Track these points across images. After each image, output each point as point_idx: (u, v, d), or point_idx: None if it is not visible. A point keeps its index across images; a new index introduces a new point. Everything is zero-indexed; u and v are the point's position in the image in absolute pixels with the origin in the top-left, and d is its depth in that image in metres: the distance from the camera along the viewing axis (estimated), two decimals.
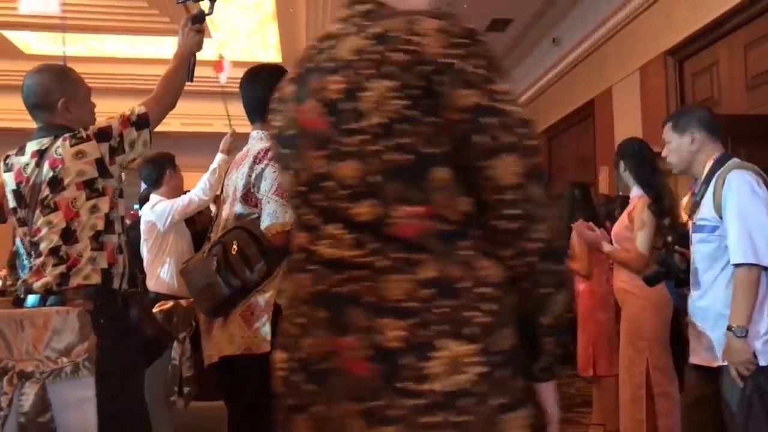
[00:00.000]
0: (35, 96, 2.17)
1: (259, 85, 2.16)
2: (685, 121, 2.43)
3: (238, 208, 2.10)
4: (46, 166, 2.03)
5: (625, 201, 3.29)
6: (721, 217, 2.23)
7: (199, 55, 2.39)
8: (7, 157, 2.20)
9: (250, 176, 2.10)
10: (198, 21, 2.24)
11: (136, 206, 5.02)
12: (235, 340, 1.96)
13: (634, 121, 7.55)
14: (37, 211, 2.04)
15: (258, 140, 2.22)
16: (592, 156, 8.35)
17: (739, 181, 2.23)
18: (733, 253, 2.19)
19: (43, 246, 2.04)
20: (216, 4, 2.45)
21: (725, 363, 2.21)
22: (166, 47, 10.34)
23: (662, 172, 3.02)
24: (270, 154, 2.02)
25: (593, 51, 8.29)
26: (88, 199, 2.01)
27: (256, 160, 2.12)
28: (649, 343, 2.90)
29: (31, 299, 2.01)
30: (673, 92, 7.01)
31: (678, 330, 5.61)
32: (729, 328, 2.16)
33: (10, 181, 2.14)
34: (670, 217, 2.89)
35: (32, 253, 2.09)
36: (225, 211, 2.19)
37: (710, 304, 2.30)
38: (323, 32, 1.22)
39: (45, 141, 2.11)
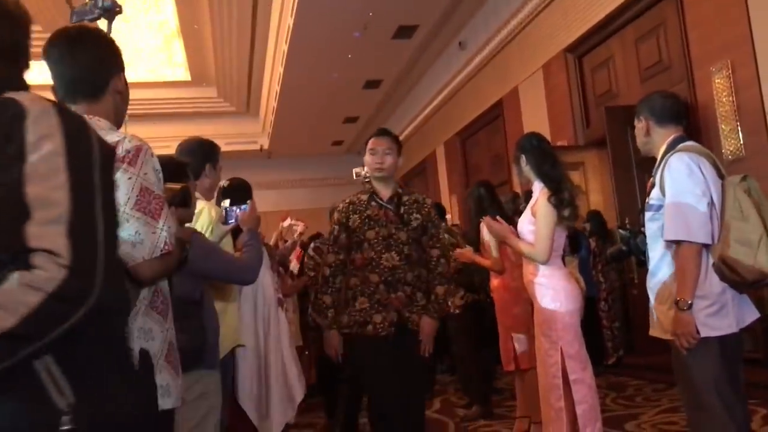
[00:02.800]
0: None
1: (87, 50, 1.62)
2: (639, 108, 2.54)
3: None
4: None
5: (529, 195, 3.36)
6: (665, 197, 2.32)
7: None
8: None
9: None
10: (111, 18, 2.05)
11: None
12: None
13: (540, 117, 7.78)
14: None
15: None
16: (505, 154, 8.56)
17: (677, 162, 2.31)
18: (666, 231, 2.29)
19: None
20: (114, 24, 2.28)
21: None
22: None
23: (562, 164, 3.10)
24: (123, 152, 1.50)
25: (498, 52, 8.51)
26: None
27: None
28: (561, 332, 2.96)
29: None
30: (575, 87, 7.28)
31: (593, 315, 5.84)
32: (675, 302, 2.25)
33: None
34: (570, 208, 2.97)
35: None
36: None
37: (659, 280, 2.39)
38: None
39: None
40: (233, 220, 2.63)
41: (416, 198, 3.07)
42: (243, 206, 2.63)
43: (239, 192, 2.97)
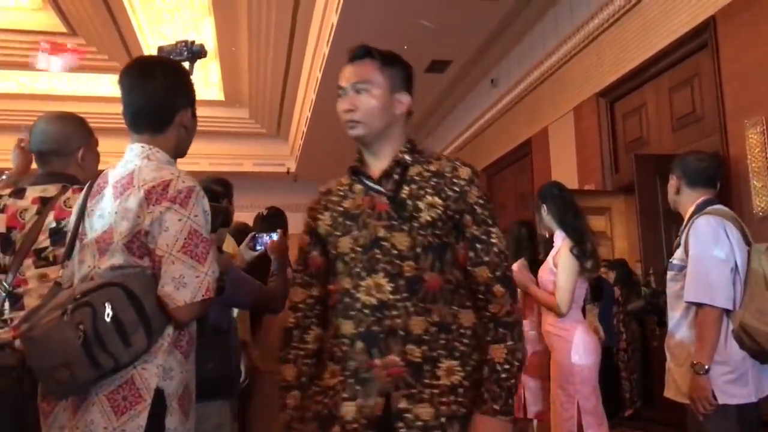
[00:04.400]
0: (55, 143, 1.98)
1: (156, 83, 1.63)
2: (674, 166, 2.56)
3: (118, 258, 1.50)
4: (50, 216, 1.86)
5: (549, 244, 3.33)
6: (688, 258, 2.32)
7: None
8: (0, 196, 1.96)
9: (140, 218, 1.50)
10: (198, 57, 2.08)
11: None
12: (95, 430, 1.42)
13: (569, 159, 7.75)
14: (28, 261, 1.84)
15: (145, 160, 1.59)
16: (531, 194, 8.50)
17: (704, 224, 2.31)
18: (687, 292, 2.27)
19: (29, 300, 1.80)
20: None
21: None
22: (103, 85, 10.17)
23: (584, 214, 3.08)
24: (174, 191, 1.49)
25: (529, 92, 8.51)
26: None
27: (151, 199, 1.50)
28: (579, 386, 2.91)
29: None
30: (606, 132, 7.25)
31: (612, 365, 5.73)
32: (692, 365, 2.22)
33: None
34: (592, 260, 2.94)
35: (8, 305, 1.83)
36: (88, 259, 1.56)
37: (677, 342, 2.37)
38: None
39: (51, 188, 1.92)
40: (261, 247, 2.65)
41: (438, 166, 1.67)
42: (272, 234, 2.65)
43: (277, 220, 2.98)
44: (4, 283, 1.85)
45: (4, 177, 2.24)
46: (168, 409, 1.50)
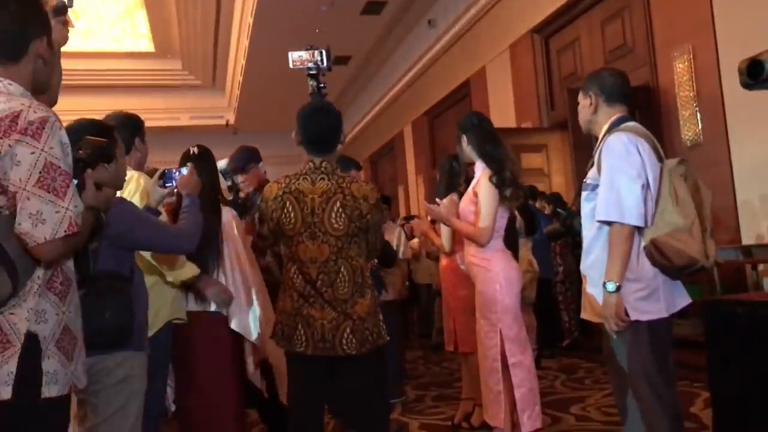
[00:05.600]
0: None
1: (6, 10, 1.52)
2: (587, 84, 2.45)
3: None
4: None
5: (469, 176, 3.29)
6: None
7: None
8: None
9: None
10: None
11: None
12: None
13: (506, 98, 7.73)
14: None
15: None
16: None
17: (615, 142, 2.26)
18: (598, 211, 2.24)
19: None
20: None
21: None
22: None
23: (503, 144, 3.04)
24: (25, 123, 1.39)
25: (467, 30, 8.41)
26: None
27: (0, 132, 1.41)
28: (501, 315, 2.92)
29: None
30: (541, 69, 7.22)
31: (550, 300, 5.84)
32: (603, 284, 2.20)
33: None
34: (512, 188, 2.92)
35: None
36: None
37: (592, 261, 2.33)
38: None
39: None
40: (171, 183, 2.54)
41: None
42: (182, 169, 2.54)
43: (206, 158, 2.87)
44: None
45: None
46: (44, 353, 1.42)
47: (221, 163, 3.30)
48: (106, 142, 1.92)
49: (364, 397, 2.44)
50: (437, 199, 3.28)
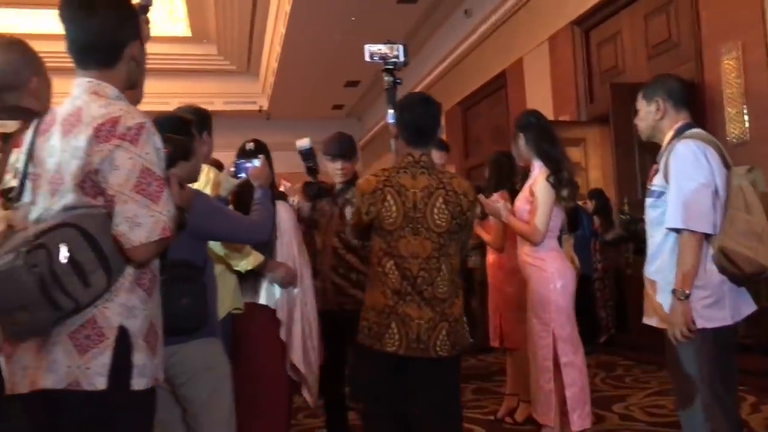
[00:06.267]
0: (3, 75, 1.82)
1: (100, 16, 1.54)
2: (652, 90, 2.41)
3: (70, 198, 1.46)
4: (14, 153, 1.69)
5: (526, 174, 3.29)
6: (668, 184, 2.27)
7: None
8: None
9: (90, 156, 1.45)
10: (143, 12, 1.95)
11: None
12: (59, 369, 1.42)
13: (544, 90, 7.66)
14: None
15: (92, 95, 1.52)
16: (506, 126, 8.44)
17: (684, 149, 2.25)
18: (668, 218, 2.25)
19: None
20: None
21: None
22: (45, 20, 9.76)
23: (561, 143, 3.03)
24: (124, 129, 1.44)
25: (504, 22, 8.33)
26: None
27: (100, 136, 1.45)
28: (554, 314, 2.93)
29: None
30: (581, 61, 7.14)
31: (588, 297, 5.82)
32: (672, 291, 2.21)
33: None
34: (569, 188, 2.91)
35: None
36: (41, 201, 1.50)
37: (658, 267, 2.33)
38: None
39: (10, 124, 1.77)
40: (243, 174, 2.59)
41: None
42: (254, 161, 2.58)
43: (261, 152, 2.90)
44: None
45: None
46: (134, 346, 1.48)
47: (304, 142, 3.20)
48: (187, 139, 1.96)
49: (443, 401, 2.37)
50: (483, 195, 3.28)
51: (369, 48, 3.13)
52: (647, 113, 2.42)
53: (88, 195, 1.46)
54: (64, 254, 1.35)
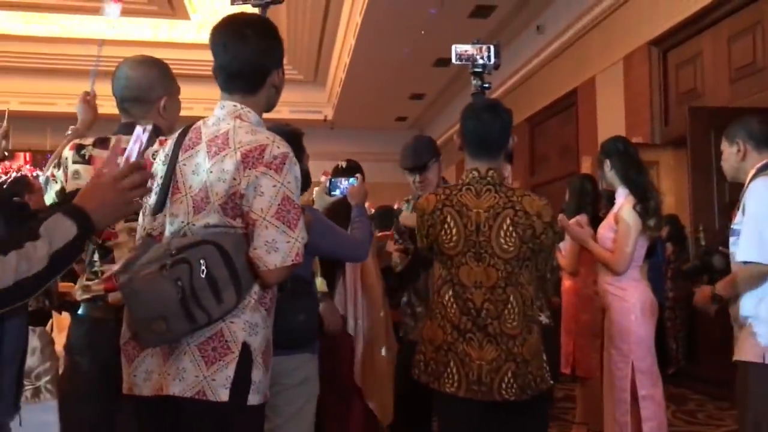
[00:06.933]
0: (138, 89, 1.94)
1: (250, 45, 1.61)
2: (734, 132, 2.48)
3: (213, 217, 1.53)
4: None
5: (610, 200, 3.22)
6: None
7: (180, 38, 2.12)
8: (82, 147, 1.94)
9: (236, 180, 1.51)
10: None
11: None
12: (186, 377, 1.48)
13: (617, 111, 7.50)
14: None
15: (237, 120, 1.58)
16: (575, 146, 8.31)
17: (760, 184, 2.31)
18: (739, 252, 2.28)
19: (119, 253, 1.80)
20: None
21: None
22: (145, 29, 10.13)
23: (648, 171, 2.96)
24: (270, 157, 1.50)
25: (577, 39, 8.21)
26: None
27: (248, 163, 1.51)
28: (634, 346, 2.85)
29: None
30: (657, 83, 6.97)
31: (659, 327, 5.64)
32: (712, 294, 2.36)
33: (86, 174, 1.87)
34: (655, 218, 2.84)
35: (98, 258, 1.84)
36: (181, 215, 1.57)
37: (740, 306, 2.34)
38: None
39: (89, 138, 1.91)
40: (338, 192, 2.62)
41: None
42: (352, 180, 2.60)
43: (354, 172, 2.92)
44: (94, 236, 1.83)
45: (69, 133, 2.19)
46: (254, 363, 1.53)
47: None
48: (306, 170, 2.01)
49: None
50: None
51: (456, 48, 2.89)
52: (729, 154, 2.48)
53: (228, 216, 1.54)
54: (202, 269, 1.42)
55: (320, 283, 2.67)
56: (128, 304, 1.50)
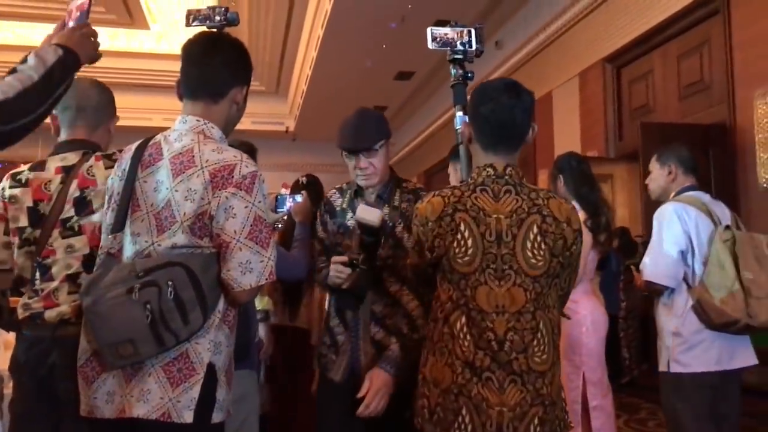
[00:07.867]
0: (93, 110, 1.94)
1: (221, 57, 1.63)
2: (666, 156, 2.78)
3: (180, 238, 1.50)
4: (74, 184, 1.82)
5: None
6: None
7: (138, 47, 2.15)
8: (19, 173, 1.92)
9: (204, 200, 1.50)
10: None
11: None
12: (151, 399, 1.45)
13: (572, 125, 7.68)
14: (55, 232, 1.80)
15: (200, 136, 1.58)
16: (532, 160, 8.46)
17: (663, 210, 2.63)
18: (642, 271, 2.66)
19: (56, 270, 1.79)
20: None
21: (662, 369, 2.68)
22: (103, 38, 9.97)
23: (599, 188, 3.05)
24: (239, 177, 1.50)
25: (534, 55, 8.39)
26: None
27: (217, 183, 1.51)
28: (585, 357, 2.92)
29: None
30: (611, 98, 7.17)
31: (612, 337, 5.78)
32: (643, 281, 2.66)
33: (24, 196, 1.86)
34: (606, 233, 2.92)
35: (38, 276, 1.83)
36: (144, 234, 1.54)
37: (656, 319, 2.72)
38: None
39: (70, 156, 1.88)
40: (284, 209, 2.62)
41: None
42: (296, 197, 2.61)
43: (315, 188, 2.94)
44: (34, 256, 1.84)
45: None
46: (218, 382, 1.54)
47: (372, 215, 2.77)
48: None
49: None
50: None
51: (432, 31, 2.29)
52: (659, 175, 2.78)
53: (195, 236, 1.53)
54: (170, 292, 1.42)
55: (266, 302, 2.68)
56: (94, 327, 1.47)
